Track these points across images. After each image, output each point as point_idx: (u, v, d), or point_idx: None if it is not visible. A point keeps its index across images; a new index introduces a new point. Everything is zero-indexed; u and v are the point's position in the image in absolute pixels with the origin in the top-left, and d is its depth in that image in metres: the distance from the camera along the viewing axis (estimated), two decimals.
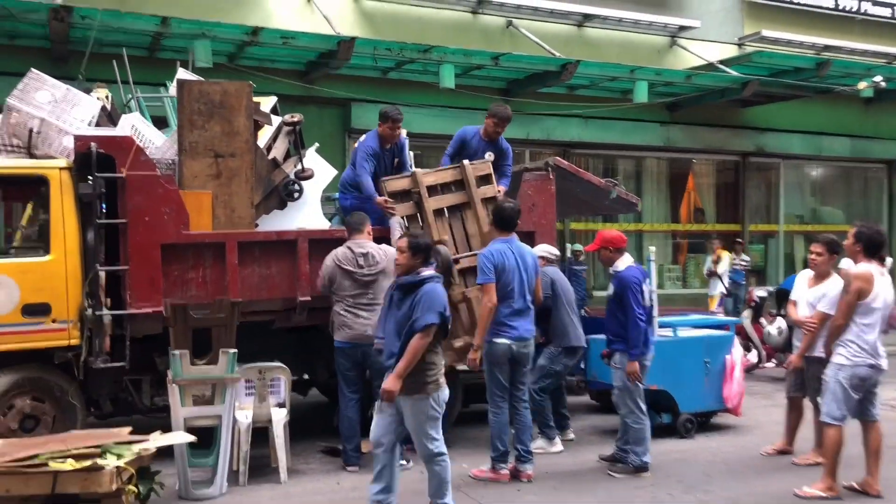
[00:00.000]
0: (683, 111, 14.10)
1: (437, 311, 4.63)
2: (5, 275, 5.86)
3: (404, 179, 6.71)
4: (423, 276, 4.75)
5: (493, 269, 5.79)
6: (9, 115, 6.38)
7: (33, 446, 4.69)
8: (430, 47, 10.92)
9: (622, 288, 5.93)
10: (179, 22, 9.50)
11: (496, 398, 5.91)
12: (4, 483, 4.35)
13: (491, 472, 5.87)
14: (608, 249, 6.11)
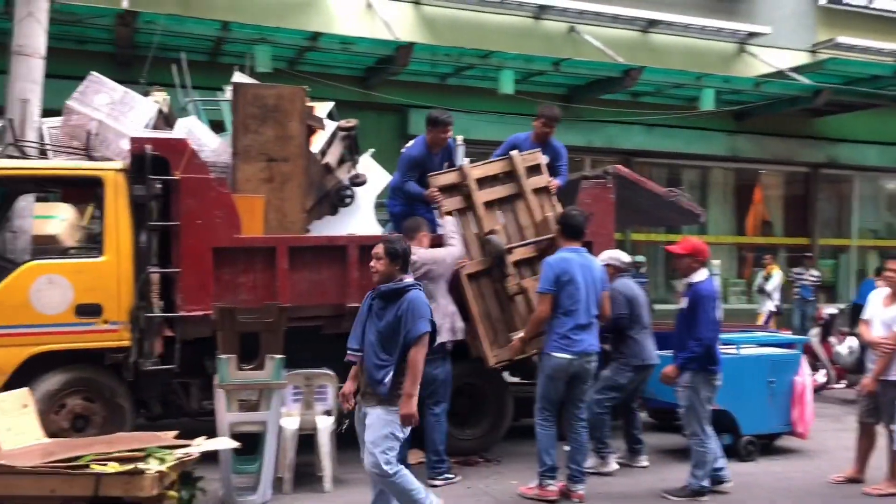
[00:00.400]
0: (751, 120, 13.66)
1: (427, 319, 4.45)
2: (60, 275, 5.92)
3: (452, 174, 6.62)
4: (405, 283, 4.54)
5: (555, 280, 5.56)
6: (69, 116, 6.48)
7: (80, 447, 4.70)
8: (489, 53, 10.79)
9: (697, 300, 5.65)
10: (240, 27, 9.59)
11: (545, 412, 5.68)
12: (50, 483, 4.35)
13: (538, 489, 5.64)
14: (693, 258, 5.78)
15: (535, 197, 6.64)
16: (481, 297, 6.46)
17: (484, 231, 6.45)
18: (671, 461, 6.79)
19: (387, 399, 4.42)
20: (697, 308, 5.61)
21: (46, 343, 5.84)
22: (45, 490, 4.33)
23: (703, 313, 5.56)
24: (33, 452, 4.61)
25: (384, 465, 4.45)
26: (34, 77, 7.61)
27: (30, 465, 4.34)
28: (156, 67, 8.37)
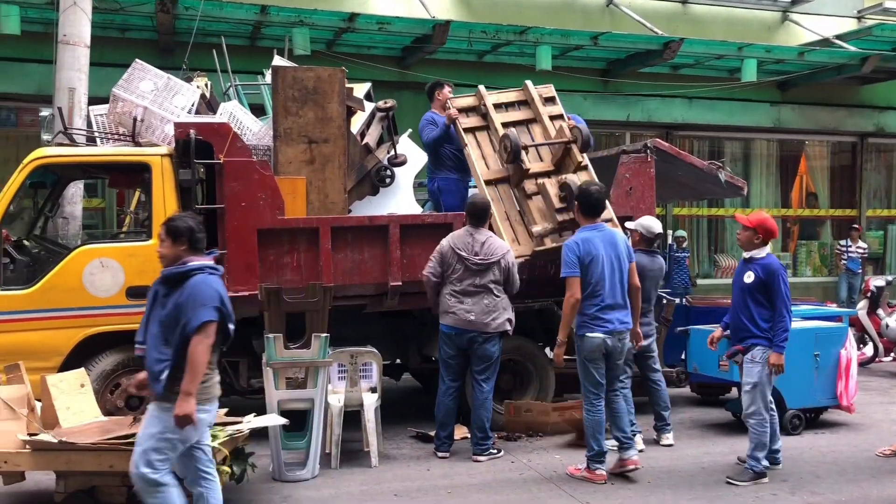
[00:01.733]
0: (795, 90, 13.38)
1: (211, 306, 3.87)
2: (112, 258, 6.09)
3: (470, 98, 6.93)
4: (190, 266, 3.97)
5: (578, 262, 5.42)
6: (115, 104, 6.63)
7: (136, 425, 4.86)
8: (526, 29, 10.72)
9: (771, 276, 5.43)
10: (278, 10, 9.66)
11: (590, 395, 5.54)
12: (109, 459, 4.53)
13: (587, 472, 5.54)
14: (755, 233, 5.53)
15: (552, 123, 6.80)
16: (500, 201, 6.61)
17: (500, 133, 6.61)
18: (715, 435, 6.79)
19: (162, 396, 3.86)
20: (773, 283, 5.43)
21: (100, 325, 6.03)
22: (104, 465, 4.52)
23: (780, 287, 5.43)
24: (91, 430, 4.79)
25: (143, 466, 3.86)
26: (80, 66, 7.81)
27: (89, 441, 4.51)
28: (196, 53, 8.48)
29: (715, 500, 5.18)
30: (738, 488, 5.37)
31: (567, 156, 6.64)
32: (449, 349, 6.08)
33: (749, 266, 5.56)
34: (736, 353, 5.63)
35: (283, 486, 5.41)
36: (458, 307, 5.97)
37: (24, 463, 4.60)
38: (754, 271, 5.50)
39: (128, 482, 4.61)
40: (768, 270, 5.46)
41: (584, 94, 12.21)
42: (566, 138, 6.60)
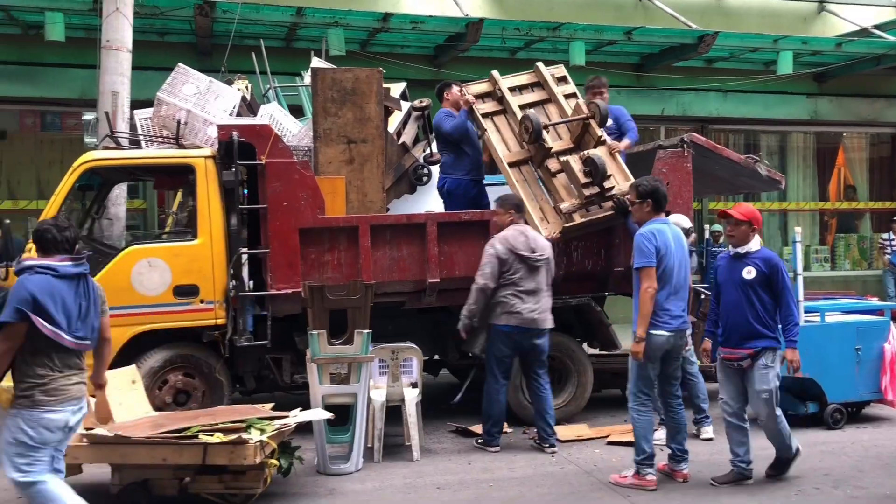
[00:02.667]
0: (833, 82, 13.23)
1: (12, 307, 3.74)
2: (159, 258, 6.25)
3: (484, 83, 7.06)
4: (19, 266, 3.98)
5: (656, 252, 5.16)
6: (159, 107, 6.79)
7: (186, 419, 5.01)
8: (559, 25, 10.74)
9: (774, 269, 5.15)
10: (313, 11, 9.80)
11: (642, 395, 5.31)
12: (162, 452, 4.67)
13: (635, 478, 5.31)
14: (750, 225, 5.26)
15: (566, 100, 6.91)
16: (525, 182, 6.70)
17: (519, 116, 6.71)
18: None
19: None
20: (777, 276, 5.15)
21: (148, 323, 6.19)
22: (157, 459, 4.67)
23: (786, 280, 5.16)
24: (144, 424, 4.94)
25: (13, 472, 3.85)
26: (122, 70, 8.00)
27: (144, 435, 4.65)
28: (234, 55, 8.64)
29: (756, 493, 5.18)
30: (779, 482, 5.37)
31: (586, 132, 6.72)
32: (506, 348, 6.09)
33: (747, 261, 5.23)
34: (745, 358, 5.18)
35: (328, 479, 5.52)
36: (523, 307, 6.00)
37: (83, 456, 4.75)
38: (755, 265, 5.19)
39: (179, 475, 4.78)
40: (771, 263, 5.18)
41: (617, 89, 12.14)
42: (584, 115, 6.66)
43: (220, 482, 4.82)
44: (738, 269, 5.23)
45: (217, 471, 4.79)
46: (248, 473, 4.79)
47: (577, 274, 6.82)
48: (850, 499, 5.07)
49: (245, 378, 6.74)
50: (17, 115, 11.14)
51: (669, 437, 5.54)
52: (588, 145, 6.70)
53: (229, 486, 4.84)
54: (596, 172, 6.31)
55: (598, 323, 7.00)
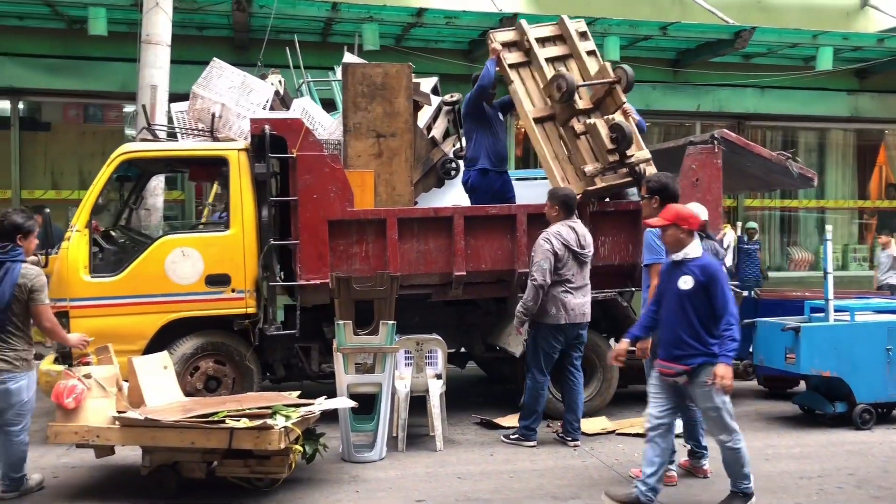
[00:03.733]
0: (875, 78, 12.97)
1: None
2: (192, 248, 6.41)
3: (511, 32, 7.15)
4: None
5: (665, 249, 4.97)
6: (194, 101, 6.95)
7: (214, 404, 5.15)
8: (594, 19, 10.69)
9: (710, 277, 4.60)
10: (348, 7, 9.90)
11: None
12: (190, 436, 4.81)
13: None
14: (678, 227, 4.67)
15: (588, 57, 7.01)
16: (548, 140, 6.75)
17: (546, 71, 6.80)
18: (781, 428, 6.74)
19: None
20: (714, 286, 4.59)
21: (181, 311, 6.36)
22: (185, 442, 4.81)
23: (723, 293, 4.60)
24: (174, 409, 5.09)
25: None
26: (161, 64, 8.21)
27: (173, 419, 4.81)
28: (270, 49, 8.78)
29: (778, 491, 5.17)
30: (803, 480, 5.35)
31: (609, 95, 6.78)
32: (557, 344, 6.08)
33: (685, 269, 4.67)
34: (680, 374, 4.68)
35: (352, 467, 5.62)
36: (574, 302, 6.04)
37: (114, 438, 4.92)
38: (692, 274, 4.63)
39: (207, 458, 4.92)
40: (708, 272, 4.62)
41: (653, 84, 12.11)
42: (612, 78, 6.73)
43: (246, 466, 4.96)
44: (676, 279, 4.71)
45: (243, 455, 4.92)
46: (273, 458, 4.91)
47: (603, 269, 6.83)
48: (872, 498, 5.04)
49: (275, 366, 6.88)
50: (62, 107, 11.44)
51: (686, 434, 5.53)
52: (609, 109, 6.77)
53: (255, 470, 4.96)
54: (623, 140, 6.43)
55: (623, 318, 7.00)
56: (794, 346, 6.56)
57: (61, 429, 4.91)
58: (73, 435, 4.92)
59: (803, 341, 6.49)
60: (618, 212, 6.92)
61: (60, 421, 4.92)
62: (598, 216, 6.84)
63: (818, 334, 6.56)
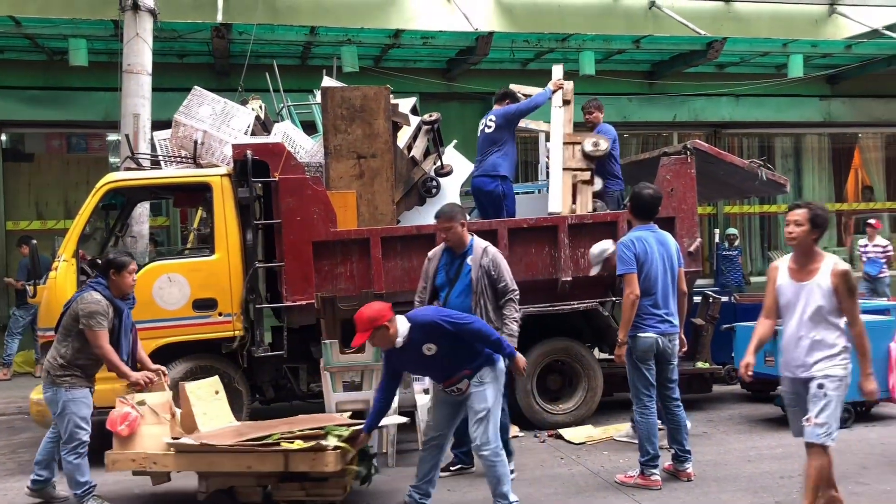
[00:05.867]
0: (845, 83, 13.26)
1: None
2: (178, 273, 6.50)
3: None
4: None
5: (635, 259, 5.38)
6: (176, 129, 7.07)
7: (266, 428, 5.13)
8: (567, 35, 10.91)
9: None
10: (326, 30, 10.06)
11: (643, 397, 5.47)
12: (246, 460, 4.84)
13: (640, 478, 5.44)
14: (385, 328, 4.47)
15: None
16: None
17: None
18: (763, 429, 6.88)
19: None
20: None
21: (170, 335, 6.44)
22: (241, 466, 4.84)
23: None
24: (227, 433, 5.11)
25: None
26: (143, 92, 8.32)
27: (227, 443, 4.83)
28: (251, 74, 8.93)
29: (759, 491, 5.30)
30: (783, 480, 5.48)
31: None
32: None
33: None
34: (463, 379, 4.65)
35: None
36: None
37: (171, 464, 4.94)
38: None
39: (263, 482, 4.94)
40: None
41: (629, 97, 12.34)
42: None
43: (302, 489, 4.95)
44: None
45: (299, 478, 4.91)
46: (330, 480, 4.91)
47: (584, 280, 6.97)
48: (851, 495, 5.15)
49: (263, 388, 6.96)
50: (44, 137, 11.54)
51: (670, 438, 5.66)
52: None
53: (311, 493, 4.95)
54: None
55: (606, 327, 7.14)
56: (773, 349, 6.70)
57: (118, 456, 4.94)
58: (130, 462, 4.95)
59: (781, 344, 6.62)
60: (595, 224, 7.06)
61: (117, 448, 4.96)
62: (577, 229, 6.99)
63: None
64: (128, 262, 5.28)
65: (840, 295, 4.26)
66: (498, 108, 7.35)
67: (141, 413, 5.03)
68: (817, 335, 4.33)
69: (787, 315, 4.46)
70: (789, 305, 4.42)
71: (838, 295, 4.26)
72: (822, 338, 4.33)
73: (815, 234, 4.34)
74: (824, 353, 4.34)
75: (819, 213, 4.35)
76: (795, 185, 13.62)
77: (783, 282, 4.45)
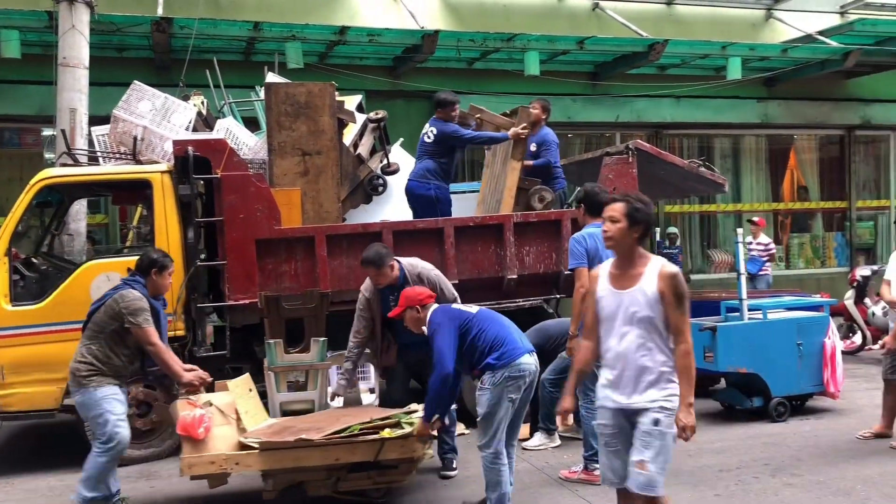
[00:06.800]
0: (781, 86, 13.60)
1: None
2: (117, 272, 6.32)
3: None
4: None
5: (586, 254, 5.43)
6: (115, 124, 6.90)
7: (338, 419, 5.05)
8: (513, 35, 10.97)
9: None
10: (270, 26, 9.92)
11: (590, 393, 5.39)
12: (334, 453, 4.77)
13: (584, 473, 5.56)
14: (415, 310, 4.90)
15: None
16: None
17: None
18: (703, 424, 7.01)
19: None
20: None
21: None
22: (331, 459, 4.79)
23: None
24: (277, 429, 5.03)
25: None
26: (80, 87, 8.10)
27: (322, 438, 4.73)
28: (193, 70, 8.75)
29: (699, 485, 5.42)
30: (724, 473, 5.61)
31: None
32: None
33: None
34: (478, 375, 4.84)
35: None
36: None
37: (255, 463, 4.80)
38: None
39: (333, 474, 4.91)
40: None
41: (573, 97, 12.46)
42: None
43: (369, 478, 4.97)
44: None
45: (369, 467, 4.91)
46: (401, 467, 4.94)
47: (528, 278, 7.03)
48: (785, 486, 5.33)
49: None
50: None
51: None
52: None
53: (377, 481, 5.01)
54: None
55: None
56: (712, 345, 6.87)
57: (195, 460, 4.76)
58: (209, 465, 4.79)
59: (720, 340, 6.80)
60: (541, 223, 7.13)
61: (189, 452, 4.77)
62: (522, 227, 7.04)
63: (733, 333, 6.88)
64: (171, 264, 5.21)
65: (666, 302, 3.51)
66: (438, 121, 7.30)
67: (210, 414, 4.91)
68: (645, 355, 3.56)
69: (608, 330, 3.68)
70: (611, 319, 3.66)
71: (664, 302, 3.52)
72: (652, 358, 3.56)
73: (636, 232, 3.62)
74: (654, 376, 3.56)
75: (639, 206, 3.65)
76: (734, 184, 13.92)
77: (603, 291, 3.71)
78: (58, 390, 6.17)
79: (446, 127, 7.24)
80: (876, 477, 5.45)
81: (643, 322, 3.56)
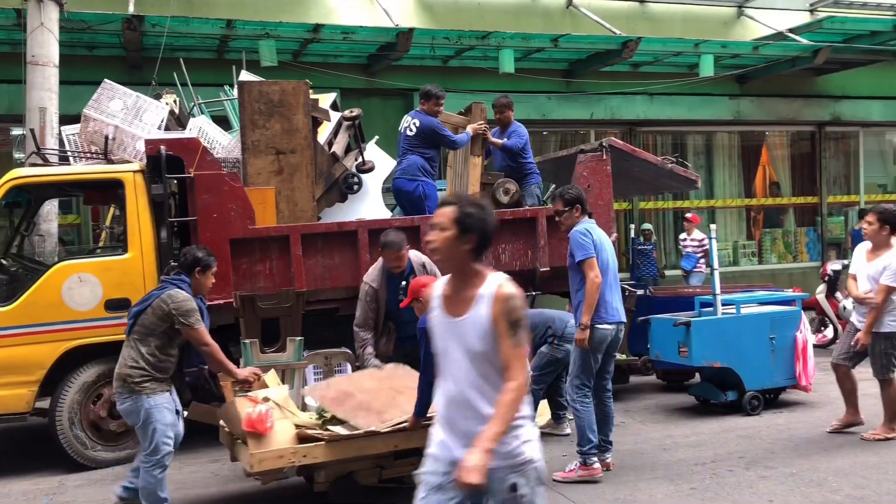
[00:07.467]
0: (753, 83, 13.76)
1: None
2: (89, 273, 6.28)
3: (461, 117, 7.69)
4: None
5: (593, 245, 5.40)
6: (86, 123, 6.82)
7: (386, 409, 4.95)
8: (487, 33, 10.98)
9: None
10: (244, 24, 9.84)
11: (585, 387, 5.49)
12: (393, 440, 4.77)
13: (582, 469, 5.47)
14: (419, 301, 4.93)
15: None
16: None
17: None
18: (678, 418, 7.09)
19: None
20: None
21: (80, 338, 6.22)
22: (389, 447, 4.80)
23: None
24: (345, 395, 5.02)
25: None
26: (50, 85, 7.99)
27: (385, 427, 4.73)
28: (165, 68, 8.66)
29: (675, 479, 5.46)
30: (698, 467, 5.67)
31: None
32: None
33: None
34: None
35: None
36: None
37: (322, 455, 4.74)
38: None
39: (382, 463, 4.92)
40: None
41: (547, 95, 12.51)
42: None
43: (411, 465, 4.78)
44: None
45: (413, 454, 4.77)
46: None
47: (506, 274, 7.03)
48: (759, 478, 5.39)
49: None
50: None
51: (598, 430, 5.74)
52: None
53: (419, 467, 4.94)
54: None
55: None
56: (686, 340, 6.93)
57: (264, 455, 4.66)
58: (277, 459, 4.71)
59: (694, 335, 6.86)
60: (516, 220, 7.15)
61: (255, 448, 4.67)
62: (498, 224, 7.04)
63: (707, 328, 6.95)
64: (214, 263, 5.11)
65: (499, 330, 2.77)
66: (421, 113, 7.31)
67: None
68: (483, 401, 2.78)
69: (443, 366, 2.92)
70: (445, 353, 2.91)
71: (497, 330, 2.77)
72: (492, 403, 2.76)
73: (468, 243, 2.88)
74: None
75: (471, 210, 2.94)
76: (707, 181, 14.07)
77: (435, 319, 2.97)
78: (29, 393, 6.09)
79: (430, 121, 7.24)
80: (847, 468, 5.53)
81: (477, 359, 2.81)
